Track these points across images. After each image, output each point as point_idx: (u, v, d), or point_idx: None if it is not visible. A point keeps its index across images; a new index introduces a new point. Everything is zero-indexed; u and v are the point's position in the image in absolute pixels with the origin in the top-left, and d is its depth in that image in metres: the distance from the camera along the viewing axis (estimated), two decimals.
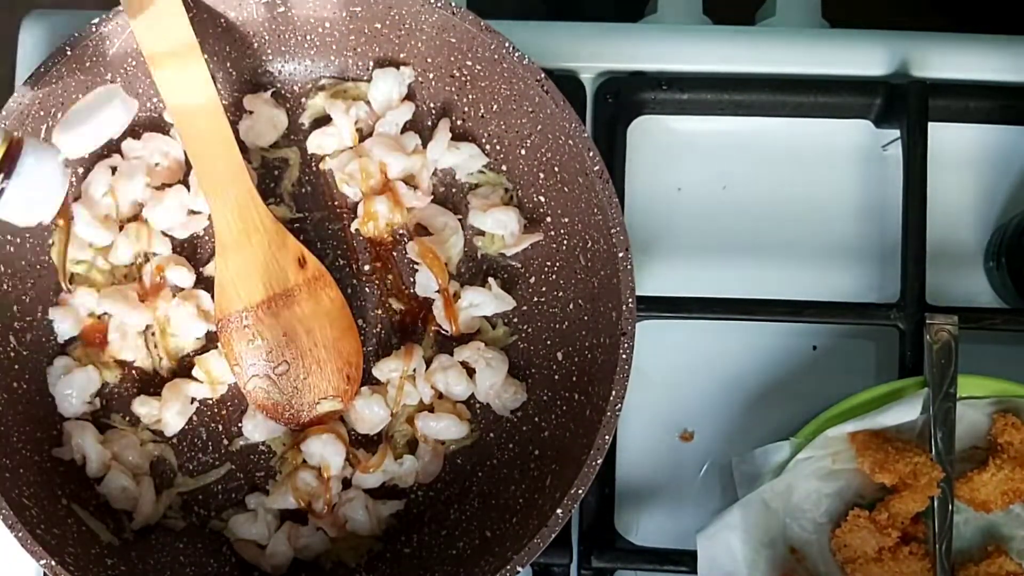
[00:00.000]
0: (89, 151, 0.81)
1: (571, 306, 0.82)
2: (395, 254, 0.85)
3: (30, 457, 0.79)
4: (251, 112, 0.85)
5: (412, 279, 0.85)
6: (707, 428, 0.86)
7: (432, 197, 0.85)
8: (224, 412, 0.84)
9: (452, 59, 0.82)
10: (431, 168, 0.85)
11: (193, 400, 0.83)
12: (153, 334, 0.84)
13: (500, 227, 0.84)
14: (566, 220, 0.82)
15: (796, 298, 0.86)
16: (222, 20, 0.82)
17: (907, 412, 0.80)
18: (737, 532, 0.78)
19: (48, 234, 0.83)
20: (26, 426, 0.80)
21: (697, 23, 0.95)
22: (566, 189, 0.81)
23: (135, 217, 0.84)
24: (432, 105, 0.85)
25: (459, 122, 0.85)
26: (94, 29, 0.78)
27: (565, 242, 0.82)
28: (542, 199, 0.83)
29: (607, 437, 0.74)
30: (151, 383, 0.84)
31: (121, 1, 0.77)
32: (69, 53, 0.78)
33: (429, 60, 0.83)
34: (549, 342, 0.83)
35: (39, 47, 0.89)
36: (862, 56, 0.90)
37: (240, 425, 0.83)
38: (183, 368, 0.84)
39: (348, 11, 0.82)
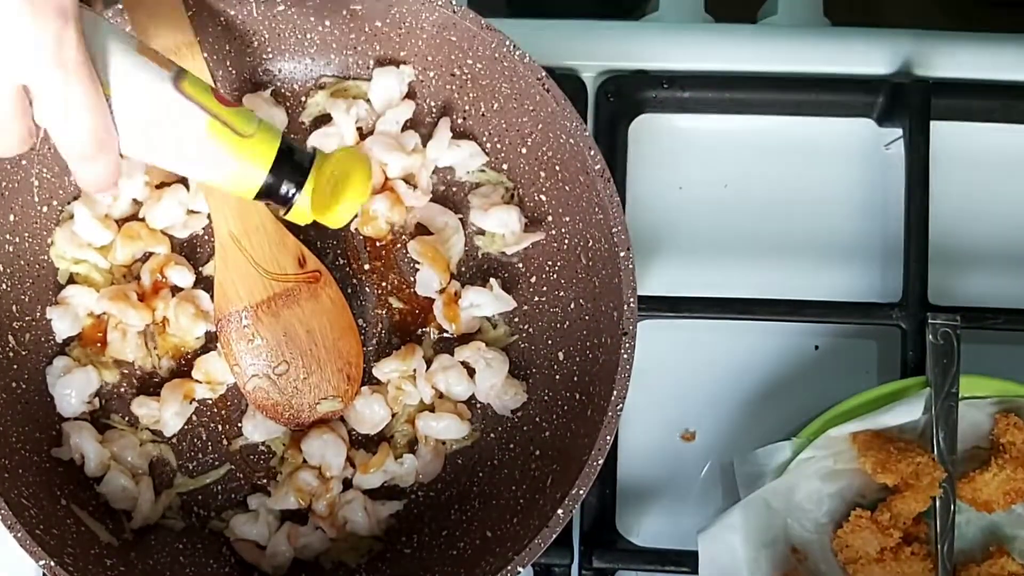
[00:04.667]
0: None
1: (572, 306, 0.82)
2: (395, 254, 0.85)
3: (29, 457, 0.78)
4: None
5: (413, 278, 0.84)
6: (709, 428, 0.86)
7: (431, 196, 0.84)
8: (224, 412, 0.84)
9: (452, 57, 0.81)
10: (431, 167, 0.84)
11: (192, 401, 0.83)
12: (152, 334, 0.83)
13: (501, 226, 0.83)
14: (567, 219, 0.81)
15: (798, 297, 0.85)
16: (222, 19, 0.82)
17: (909, 412, 0.80)
18: (738, 532, 0.78)
19: (47, 233, 0.82)
20: (25, 426, 0.79)
21: (699, 21, 0.95)
22: (567, 188, 0.80)
23: (134, 216, 0.84)
24: (432, 104, 0.85)
25: (459, 120, 0.85)
26: None
27: (566, 241, 0.82)
28: (543, 198, 0.83)
29: (608, 437, 0.74)
30: (150, 383, 0.83)
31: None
32: None
33: (429, 59, 0.83)
34: (550, 342, 0.83)
35: None
36: (864, 55, 0.90)
37: (240, 425, 0.83)
38: (182, 369, 0.84)
39: (348, 10, 0.81)
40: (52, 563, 0.73)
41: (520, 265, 0.84)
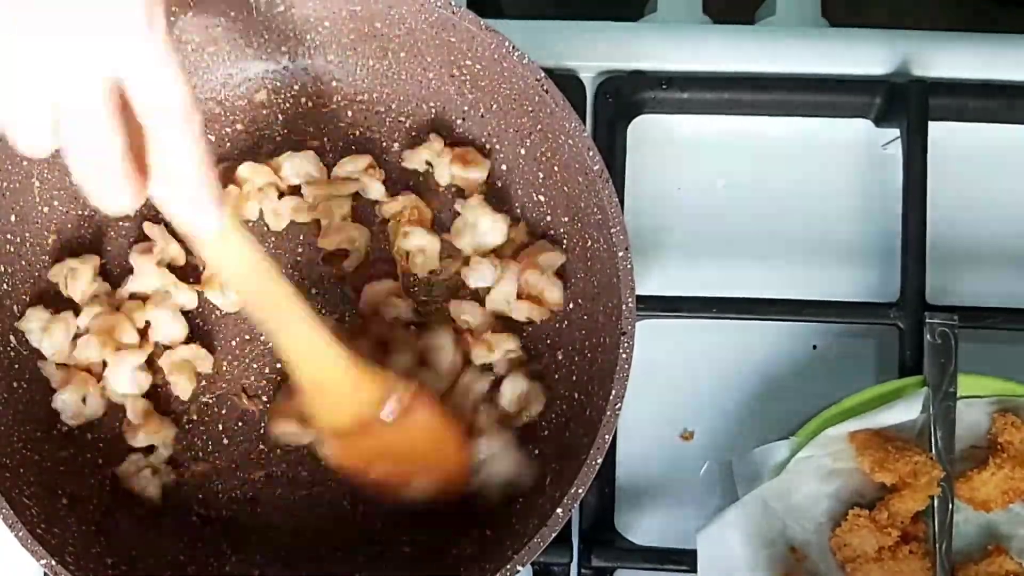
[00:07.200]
0: None
1: (571, 306, 0.82)
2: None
3: (30, 457, 0.79)
4: None
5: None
6: (707, 427, 0.86)
7: None
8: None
9: (452, 58, 0.82)
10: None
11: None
12: None
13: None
14: (566, 219, 0.82)
15: (796, 297, 0.86)
16: (221, 19, 0.82)
17: (907, 411, 0.80)
18: (737, 531, 0.78)
19: (48, 233, 0.83)
20: (26, 426, 0.80)
21: (697, 22, 0.95)
22: (566, 188, 0.81)
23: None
24: (432, 104, 0.85)
25: (459, 121, 0.85)
26: None
27: (565, 242, 0.82)
28: (542, 199, 0.83)
29: (607, 436, 0.74)
30: None
31: None
32: None
33: (428, 59, 0.83)
34: (549, 341, 0.83)
35: None
36: (862, 55, 0.90)
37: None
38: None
39: (348, 10, 0.82)
40: (53, 562, 0.73)
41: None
